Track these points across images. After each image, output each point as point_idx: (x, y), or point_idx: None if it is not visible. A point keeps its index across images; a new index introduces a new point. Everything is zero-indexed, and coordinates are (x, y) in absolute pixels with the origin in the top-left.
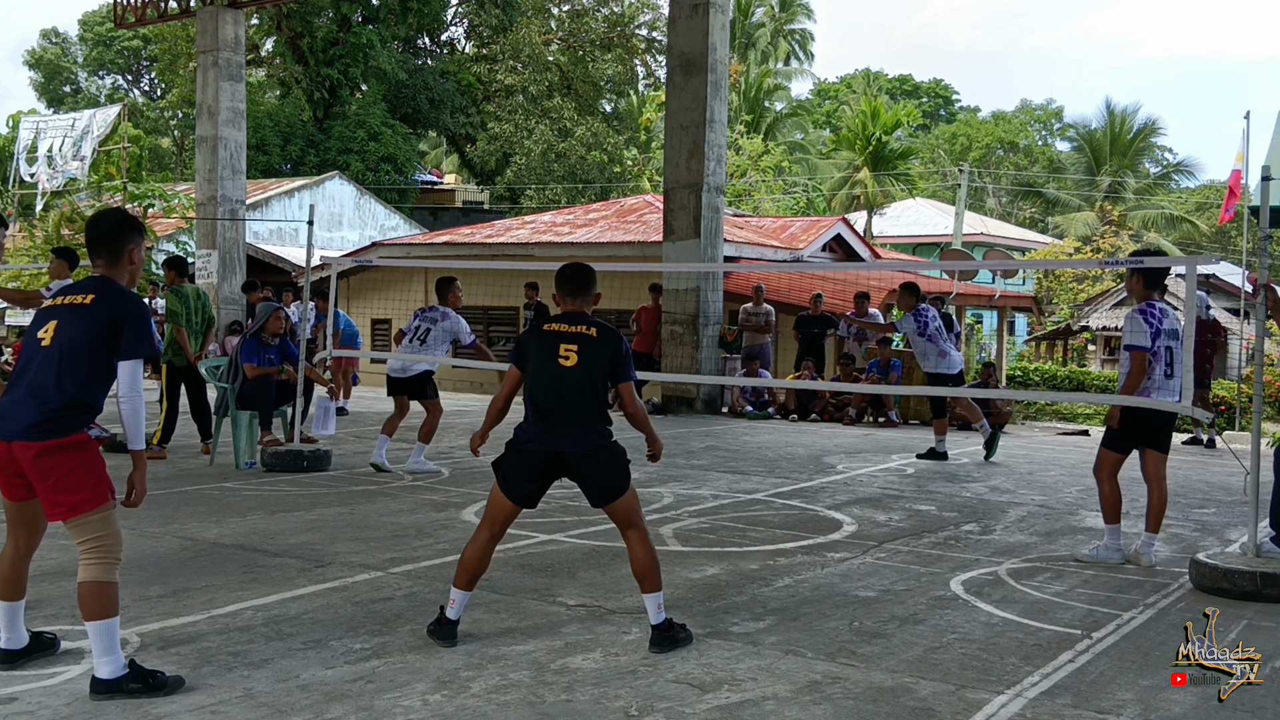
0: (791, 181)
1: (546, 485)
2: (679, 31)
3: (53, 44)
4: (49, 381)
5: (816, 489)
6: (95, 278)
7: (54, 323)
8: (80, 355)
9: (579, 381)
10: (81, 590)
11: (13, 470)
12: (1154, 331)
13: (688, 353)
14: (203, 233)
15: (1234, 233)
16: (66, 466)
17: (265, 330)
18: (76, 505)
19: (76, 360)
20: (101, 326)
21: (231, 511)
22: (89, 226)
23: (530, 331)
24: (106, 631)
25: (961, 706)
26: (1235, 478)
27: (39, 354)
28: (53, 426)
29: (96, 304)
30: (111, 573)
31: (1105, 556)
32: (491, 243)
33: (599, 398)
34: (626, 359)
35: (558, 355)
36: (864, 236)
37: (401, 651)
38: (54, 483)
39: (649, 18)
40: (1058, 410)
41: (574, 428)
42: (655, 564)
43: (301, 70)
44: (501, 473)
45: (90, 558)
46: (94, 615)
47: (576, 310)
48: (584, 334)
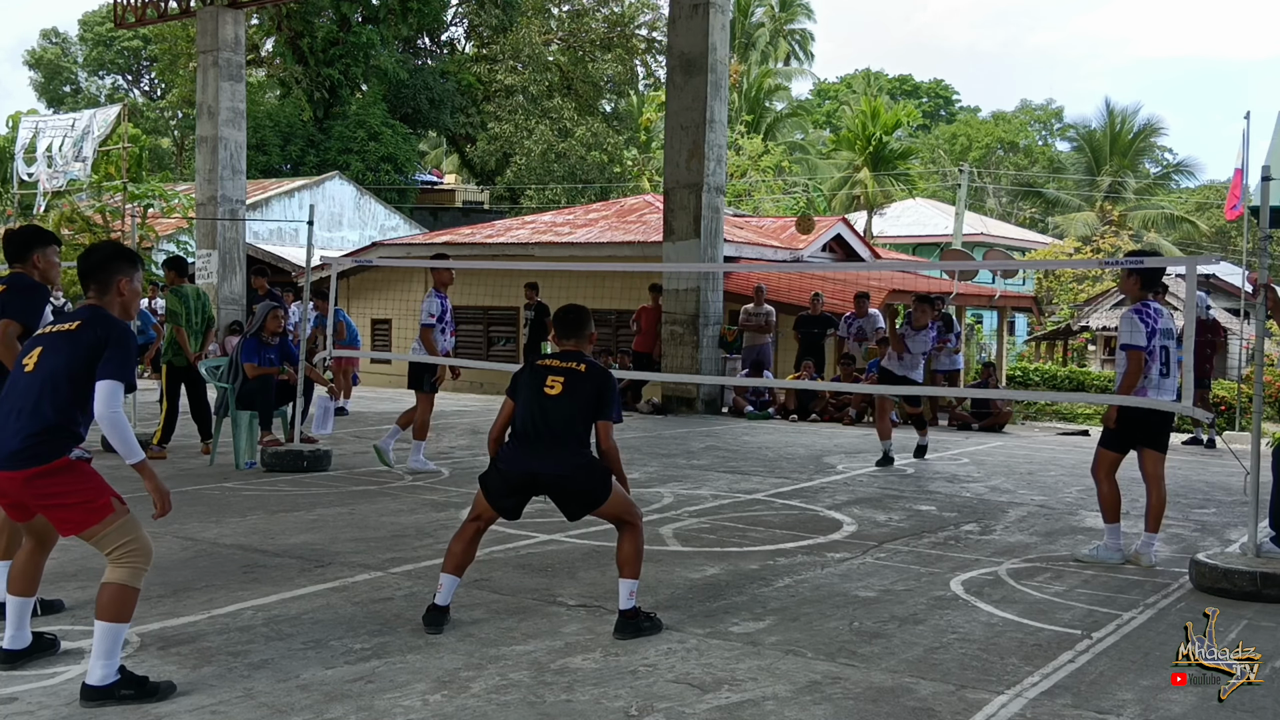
0: (791, 181)
1: (525, 500)
2: (679, 31)
3: (53, 44)
4: (27, 407)
5: (816, 489)
6: (85, 306)
7: (39, 349)
8: (59, 381)
9: (560, 410)
10: (103, 590)
11: (9, 498)
12: (1150, 331)
13: (688, 353)
14: (203, 233)
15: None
16: (56, 490)
17: (264, 330)
18: (81, 523)
19: (56, 386)
20: (85, 350)
21: (232, 511)
22: (81, 258)
23: (525, 366)
24: (113, 635)
25: (961, 706)
26: (1235, 478)
27: (21, 380)
28: (35, 453)
29: (81, 329)
30: (137, 579)
31: (1105, 557)
32: (491, 243)
33: (578, 427)
34: (613, 399)
35: (544, 385)
36: (864, 236)
37: (401, 651)
38: (51, 505)
39: (649, 18)
40: (1058, 410)
41: (549, 451)
42: (636, 555)
43: (301, 70)
44: (485, 487)
45: (118, 563)
46: (107, 616)
47: (573, 349)
48: (574, 369)
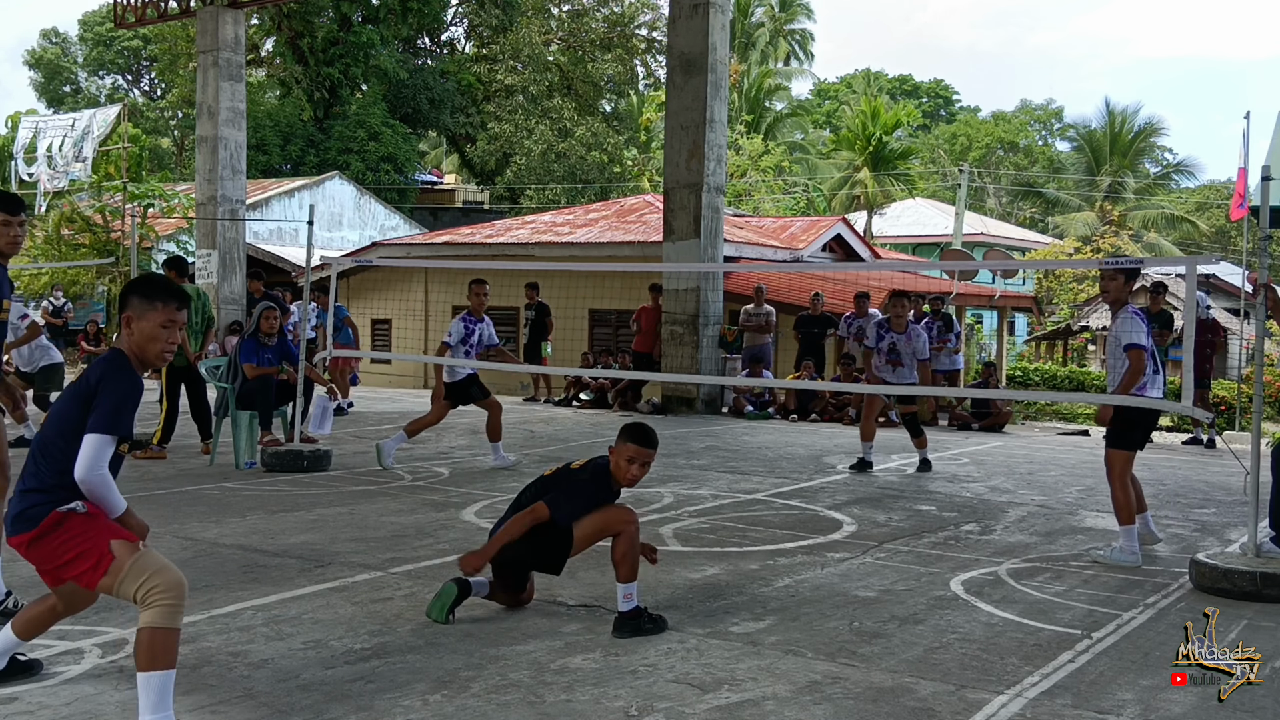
0: (791, 181)
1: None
2: (679, 31)
3: (53, 44)
4: (29, 470)
5: (816, 489)
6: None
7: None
8: (55, 439)
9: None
10: (138, 638)
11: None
12: (1147, 330)
13: (688, 353)
14: (203, 233)
15: (1234, 233)
16: (55, 548)
17: (260, 330)
18: (91, 579)
19: (51, 445)
20: (80, 400)
21: (232, 511)
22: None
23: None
24: (157, 685)
25: (961, 706)
26: (1235, 478)
27: (35, 443)
28: (33, 516)
29: (82, 377)
30: (171, 618)
31: (1122, 559)
32: (491, 243)
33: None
34: (567, 493)
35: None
36: (864, 236)
37: (401, 651)
38: (59, 565)
39: (649, 18)
40: (1058, 410)
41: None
42: (625, 558)
43: (301, 70)
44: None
45: (145, 606)
46: (144, 665)
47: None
48: (566, 469)
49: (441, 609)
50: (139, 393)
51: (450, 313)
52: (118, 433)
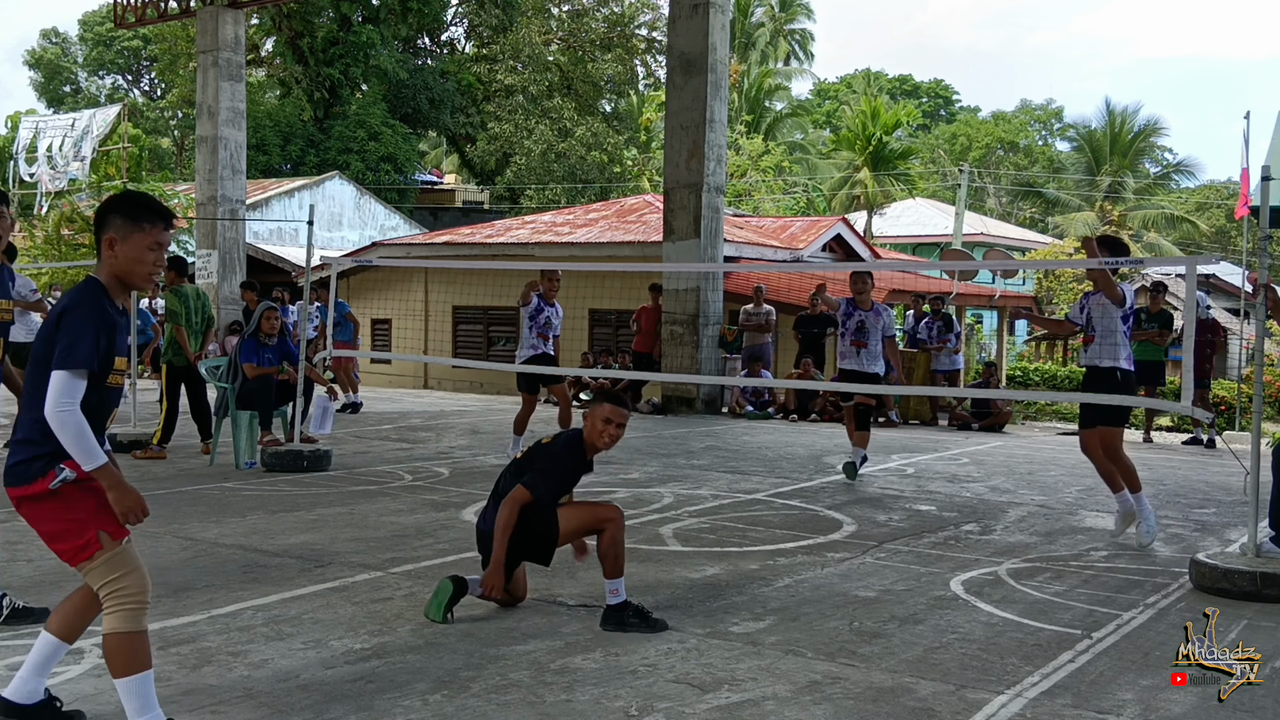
0: (791, 181)
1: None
2: (679, 31)
3: (53, 44)
4: (19, 420)
5: (816, 489)
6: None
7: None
8: (35, 382)
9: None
10: (105, 645)
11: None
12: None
13: (688, 353)
14: (203, 233)
15: (1234, 232)
16: (41, 517)
17: (260, 330)
18: (72, 553)
19: (34, 391)
20: (48, 340)
21: (232, 511)
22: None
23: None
24: (136, 689)
25: (961, 706)
26: (1235, 478)
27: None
28: (20, 471)
29: (51, 312)
30: (133, 621)
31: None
32: (491, 243)
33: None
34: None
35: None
36: (864, 236)
37: (401, 651)
38: (46, 533)
39: (649, 18)
40: (1058, 410)
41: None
42: (608, 553)
43: (301, 70)
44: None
45: (108, 607)
46: (117, 672)
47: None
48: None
49: (439, 608)
50: (108, 323)
51: (450, 312)
52: (79, 366)
